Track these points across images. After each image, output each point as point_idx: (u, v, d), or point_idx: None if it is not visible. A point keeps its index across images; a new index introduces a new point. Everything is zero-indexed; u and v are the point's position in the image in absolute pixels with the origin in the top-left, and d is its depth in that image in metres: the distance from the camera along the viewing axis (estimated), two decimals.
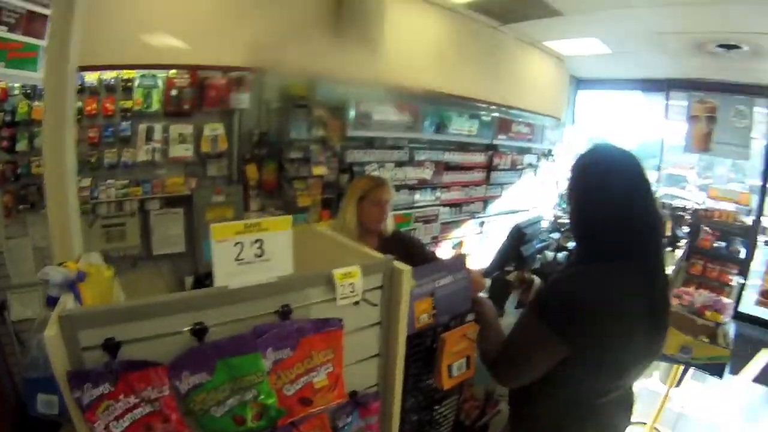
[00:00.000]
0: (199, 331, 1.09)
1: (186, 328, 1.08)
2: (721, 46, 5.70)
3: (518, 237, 4.09)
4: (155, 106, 3.54)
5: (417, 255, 2.80)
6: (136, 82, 3.47)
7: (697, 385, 4.73)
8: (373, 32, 4.54)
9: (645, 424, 3.85)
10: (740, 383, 5.18)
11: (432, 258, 2.98)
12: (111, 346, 0.99)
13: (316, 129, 4.43)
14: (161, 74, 3.56)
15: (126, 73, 3.42)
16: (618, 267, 1.54)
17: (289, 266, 1.27)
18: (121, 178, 3.48)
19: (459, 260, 1.83)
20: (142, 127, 3.52)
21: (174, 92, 3.59)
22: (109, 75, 3.36)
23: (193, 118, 3.75)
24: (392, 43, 4.70)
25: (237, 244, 1.19)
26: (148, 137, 3.53)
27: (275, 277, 1.23)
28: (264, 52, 3.91)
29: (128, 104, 3.45)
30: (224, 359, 1.09)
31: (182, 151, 3.67)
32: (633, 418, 2.79)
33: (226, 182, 4.02)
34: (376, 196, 2.77)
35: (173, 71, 3.59)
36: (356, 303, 1.38)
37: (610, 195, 1.56)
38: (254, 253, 1.22)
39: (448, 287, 1.73)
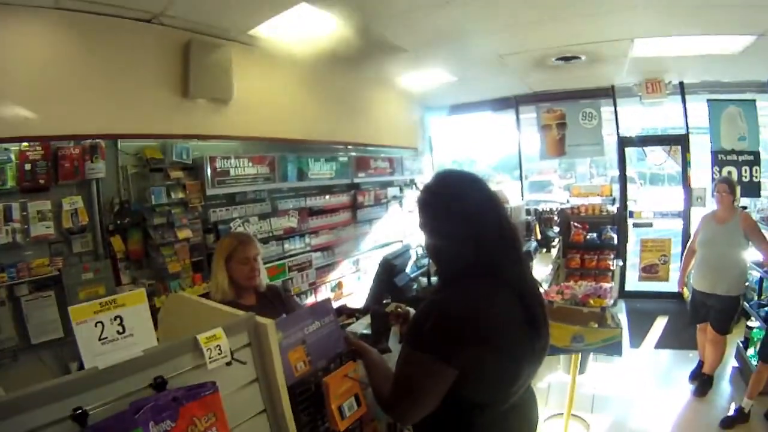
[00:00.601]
0: (79, 417, 1.15)
1: (66, 415, 1.15)
2: (560, 58, 6.72)
3: (388, 269, 4.49)
4: (10, 182, 3.62)
5: (289, 305, 3.34)
6: None
7: (604, 365, 5.57)
8: (222, 90, 5.01)
9: (562, 414, 4.47)
10: (644, 352, 6.23)
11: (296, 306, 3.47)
12: None
13: (175, 192, 4.71)
14: (14, 147, 3.66)
15: None
16: (482, 282, 1.74)
17: (152, 338, 1.40)
18: None
19: (323, 304, 2.03)
20: None
21: (28, 166, 3.70)
22: None
23: (50, 192, 3.87)
24: (241, 97, 5.20)
25: (97, 323, 1.30)
26: (6, 218, 3.59)
27: (141, 351, 1.34)
28: (114, 118, 4.21)
29: None
30: None
31: (43, 229, 3.78)
32: (550, 411, 3.55)
33: (93, 257, 4.14)
34: (242, 254, 3.11)
35: (25, 144, 3.70)
36: (228, 363, 1.51)
37: (457, 218, 1.76)
38: (116, 330, 1.33)
39: (317, 332, 1.93)
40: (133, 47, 4.39)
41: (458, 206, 1.77)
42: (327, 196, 6.81)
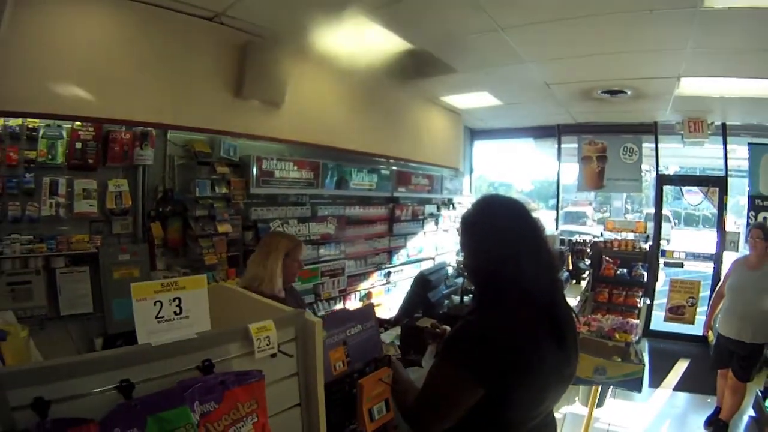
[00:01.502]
0: (125, 388, 1.16)
1: (113, 386, 1.15)
2: (606, 92, 6.63)
3: (423, 284, 4.46)
4: (60, 158, 3.66)
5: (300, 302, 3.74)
6: (41, 132, 3.59)
7: (621, 402, 5.39)
8: (274, 93, 5.02)
9: None
10: (662, 394, 5.94)
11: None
12: (41, 406, 1.03)
13: (220, 186, 4.73)
14: (66, 125, 3.70)
15: (31, 122, 3.52)
16: (519, 307, 1.72)
17: (206, 323, 1.41)
18: (26, 233, 3.54)
19: (367, 310, 2.07)
20: (46, 180, 3.62)
21: (78, 145, 3.74)
22: (14, 122, 3.45)
23: (97, 172, 3.91)
24: (292, 101, 5.18)
25: (156, 302, 1.32)
26: (52, 191, 3.62)
27: (194, 334, 1.37)
28: (167, 109, 4.24)
29: (32, 155, 3.56)
30: (154, 415, 1.16)
31: (86, 206, 3.80)
32: None
33: (132, 240, 4.16)
34: (297, 254, 3.44)
35: (78, 123, 3.73)
36: (273, 355, 1.52)
37: (497, 241, 1.78)
38: (173, 311, 1.35)
39: (358, 335, 1.96)
40: (191, 42, 4.41)
41: (500, 230, 1.79)
42: (366, 207, 6.78)
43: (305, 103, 5.51)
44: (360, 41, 4.92)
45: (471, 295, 5.66)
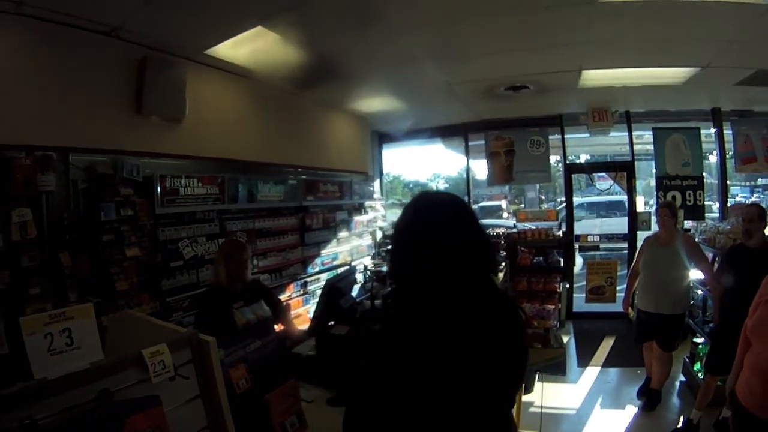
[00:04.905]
0: (29, 427, 1.21)
1: (17, 425, 1.20)
2: (509, 88, 7.07)
3: (332, 292, 4.56)
4: None
5: (269, 298, 4.35)
6: None
7: (553, 385, 5.76)
8: (175, 108, 5.12)
9: None
10: (592, 371, 6.45)
11: (278, 302, 4.51)
12: None
13: (125, 209, 4.73)
14: None
15: None
16: (400, 314, 1.78)
17: (99, 351, 1.47)
18: None
19: (264, 324, 2.28)
20: None
21: None
22: None
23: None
24: (194, 116, 5.29)
25: (47, 335, 1.38)
26: None
27: (88, 364, 1.43)
28: (66, 130, 4.24)
29: None
30: None
31: None
32: None
33: (41, 272, 4.08)
34: (238, 256, 4.26)
35: None
36: (172, 379, 1.59)
37: (415, 234, 1.79)
38: (65, 342, 1.41)
39: (259, 351, 2.06)
40: (89, 60, 4.45)
41: (418, 223, 1.81)
42: (275, 219, 6.93)
43: (208, 116, 5.65)
44: (257, 50, 5.12)
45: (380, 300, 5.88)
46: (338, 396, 3.10)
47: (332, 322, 4.11)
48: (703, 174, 8.55)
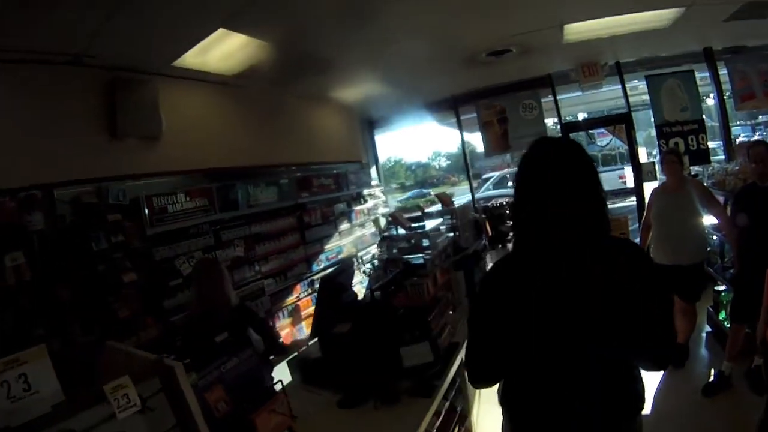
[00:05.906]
0: None
1: None
2: (491, 54, 6.97)
3: (330, 288, 4.50)
4: None
5: (257, 325, 3.93)
6: None
7: None
8: (151, 126, 5.10)
9: None
10: None
11: (269, 330, 4.27)
12: None
13: (116, 235, 4.70)
14: None
15: None
16: (518, 255, 1.96)
17: (59, 393, 1.44)
18: None
19: (240, 340, 2.16)
20: None
21: None
22: None
23: None
24: (172, 130, 5.28)
25: (3, 383, 1.35)
26: None
27: (49, 407, 1.40)
28: (44, 166, 4.22)
29: None
30: None
31: None
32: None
33: (41, 312, 4.04)
34: (208, 275, 3.87)
35: None
36: (141, 412, 1.53)
37: (524, 186, 1.92)
38: (22, 388, 1.38)
39: (236, 369, 1.97)
40: (58, 92, 4.45)
41: (526, 174, 1.94)
42: (272, 221, 6.89)
43: (187, 129, 5.64)
44: (227, 54, 5.10)
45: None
46: (348, 398, 3.12)
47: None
48: (703, 117, 8.38)
